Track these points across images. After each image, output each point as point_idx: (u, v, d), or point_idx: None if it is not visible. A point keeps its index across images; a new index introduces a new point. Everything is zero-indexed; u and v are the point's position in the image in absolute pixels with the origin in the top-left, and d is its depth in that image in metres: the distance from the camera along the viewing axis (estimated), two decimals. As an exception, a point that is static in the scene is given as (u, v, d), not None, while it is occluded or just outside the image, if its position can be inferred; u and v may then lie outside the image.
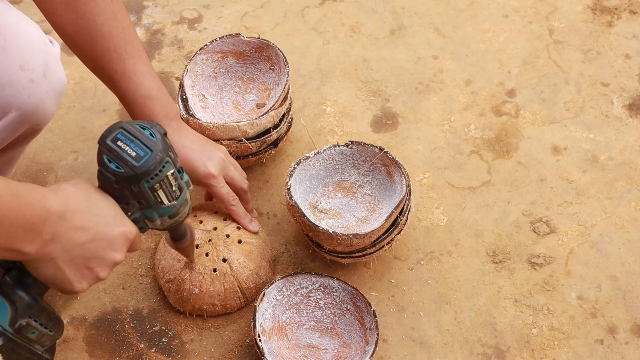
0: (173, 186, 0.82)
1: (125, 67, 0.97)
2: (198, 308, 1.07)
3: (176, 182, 0.83)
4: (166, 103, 1.02)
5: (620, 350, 1.06)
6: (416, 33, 1.45)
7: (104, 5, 0.95)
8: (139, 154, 0.77)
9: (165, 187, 0.81)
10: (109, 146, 0.78)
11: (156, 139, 0.79)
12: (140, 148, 0.78)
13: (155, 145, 0.78)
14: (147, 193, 0.80)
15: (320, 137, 1.29)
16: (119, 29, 0.97)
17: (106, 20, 0.95)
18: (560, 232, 1.18)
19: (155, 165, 0.78)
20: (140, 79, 0.98)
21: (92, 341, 1.07)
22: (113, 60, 0.97)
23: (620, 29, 1.45)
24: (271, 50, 1.23)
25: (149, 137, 0.79)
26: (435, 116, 1.32)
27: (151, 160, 0.78)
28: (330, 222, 1.13)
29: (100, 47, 0.96)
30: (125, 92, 0.98)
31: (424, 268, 1.14)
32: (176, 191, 0.84)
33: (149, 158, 0.77)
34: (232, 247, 1.07)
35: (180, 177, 0.84)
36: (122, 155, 0.77)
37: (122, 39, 0.97)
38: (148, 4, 1.51)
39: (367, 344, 1.02)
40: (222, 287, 1.06)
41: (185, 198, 0.87)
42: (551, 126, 1.31)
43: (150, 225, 0.87)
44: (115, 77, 0.98)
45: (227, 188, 1.07)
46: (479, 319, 1.09)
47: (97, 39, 0.95)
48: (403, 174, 1.09)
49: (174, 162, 0.82)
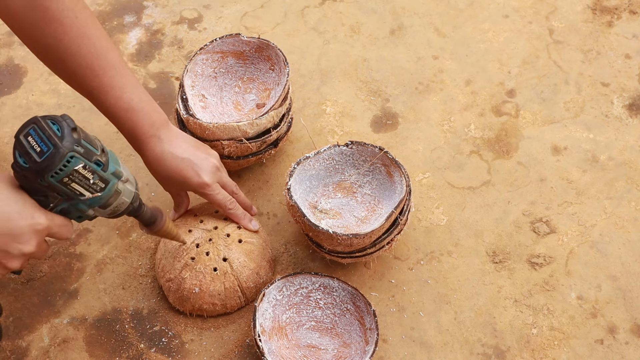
0: (90, 179, 0.83)
1: (100, 82, 0.96)
2: (198, 307, 1.07)
3: (94, 174, 0.83)
4: (150, 112, 1.00)
5: (620, 350, 1.06)
6: (416, 33, 1.45)
7: (69, 24, 0.93)
8: (42, 149, 0.79)
9: (79, 180, 0.82)
10: (20, 141, 0.80)
11: (61, 134, 0.80)
12: (45, 143, 0.79)
13: (59, 140, 0.79)
14: (58, 186, 0.82)
15: (320, 137, 1.29)
16: (89, 46, 0.95)
17: (73, 39, 0.93)
18: (560, 232, 1.18)
19: (57, 161, 0.79)
20: (119, 93, 0.97)
21: (92, 341, 1.07)
22: (87, 76, 0.96)
23: (620, 29, 1.45)
24: (271, 50, 1.23)
25: (54, 132, 0.80)
26: (435, 116, 1.32)
27: (53, 156, 0.79)
28: (330, 222, 1.13)
29: (72, 65, 0.95)
30: (106, 107, 0.98)
31: (424, 268, 1.14)
32: (97, 183, 0.84)
33: (50, 154, 0.79)
34: (232, 246, 1.07)
35: (101, 169, 0.84)
36: (29, 150, 0.80)
37: (93, 54, 0.95)
38: (148, 4, 1.51)
39: (367, 344, 1.02)
40: (222, 286, 1.06)
41: (116, 189, 0.87)
42: (551, 126, 1.31)
43: (90, 215, 0.88)
44: (93, 93, 0.97)
45: (223, 193, 1.06)
46: (479, 319, 1.09)
47: (66, 57, 0.94)
48: (403, 174, 1.09)
49: (87, 155, 0.82)
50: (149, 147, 1.01)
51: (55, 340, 1.08)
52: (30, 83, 1.37)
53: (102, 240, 1.17)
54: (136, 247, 1.17)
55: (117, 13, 1.49)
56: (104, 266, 1.15)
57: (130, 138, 1.01)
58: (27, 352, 1.07)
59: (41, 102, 1.34)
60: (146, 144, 1.01)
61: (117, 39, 1.44)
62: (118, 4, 1.50)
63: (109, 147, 1.26)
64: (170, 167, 1.02)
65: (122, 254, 1.16)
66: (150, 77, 1.38)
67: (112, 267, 1.15)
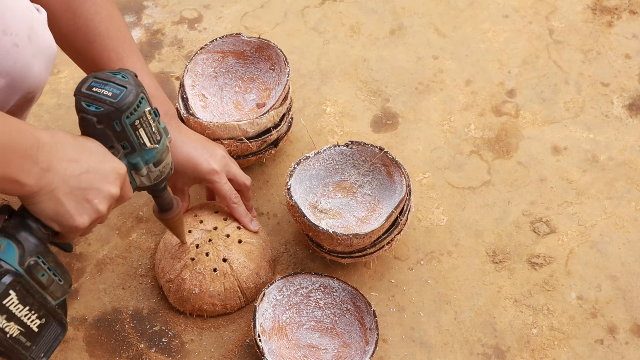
0: (152, 127, 0.85)
1: (124, 65, 0.98)
2: (198, 308, 1.07)
3: (154, 123, 0.85)
4: (165, 101, 1.03)
5: (620, 350, 1.06)
6: (416, 33, 1.45)
7: (101, 5, 0.96)
8: (114, 92, 0.80)
9: (146, 125, 0.83)
10: (85, 93, 0.81)
11: (128, 79, 0.82)
12: (116, 87, 0.81)
13: (128, 82, 0.81)
14: (129, 131, 0.82)
15: (320, 137, 1.29)
16: (116, 28, 0.98)
17: (103, 20, 0.96)
18: (560, 232, 1.18)
19: (133, 99, 0.80)
20: (139, 77, 0.98)
21: (92, 341, 1.07)
22: (111, 59, 0.98)
23: (620, 29, 1.45)
24: (271, 50, 1.23)
25: (121, 78, 0.82)
26: (435, 116, 1.32)
27: (128, 95, 0.80)
28: (330, 222, 1.13)
29: (99, 46, 0.97)
30: None
31: (424, 268, 1.14)
32: (156, 133, 0.86)
33: (125, 93, 0.80)
34: (232, 247, 1.07)
35: (157, 120, 0.86)
36: (100, 97, 0.80)
37: (119, 38, 0.98)
38: (148, 4, 1.51)
39: (367, 344, 1.02)
40: (222, 286, 1.06)
41: (166, 145, 0.89)
42: (551, 126, 1.31)
43: (137, 181, 0.89)
44: None
45: (229, 185, 1.08)
46: (479, 319, 1.09)
47: (95, 37, 0.96)
48: (403, 174, 1.09)
49: (149, 101, 0.84)
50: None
51: (55, 340, 1.08)
52: (30, 83, 1.37)
53: (102, 240, 1.17)
54: (136, 247, 1.17)
55: (117, 13, 1.49)
56: (104, 266, 1.15)
57: None
58: (27, 352, 1.07)
59: (41, 102, 1.34)
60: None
61: (117, 39, 1.44)
62: (118, 4, 1.50)
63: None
64: (182, 154, 1.03)
65: (122, 254, 1.16)
66: (150, 77, 1.38)
67: (112, 267, 1.15)
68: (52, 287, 0.80)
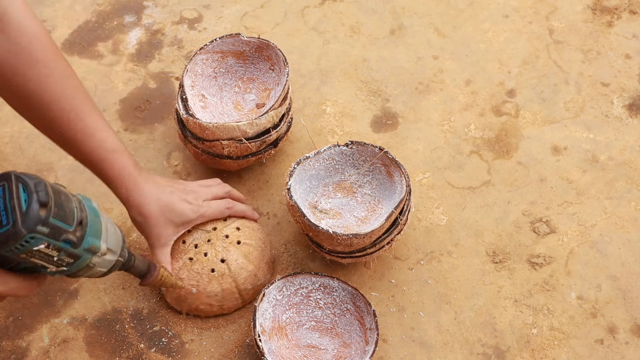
0: (55, 256, 0.73)
1: (86, 125, 0.93)
2: (195, 308, 1.07)
3: (61, 252, 0.73)
4: (131, 155, 0.99)
5: (620, 350, 1.06)
6: (416, 33, 1.45)
7: (53, 66, 0.90)
8: (2, 220, 0.69)
9: (41, 256, 0.73)
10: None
11: (25, 210, 0.69)
12: (7, 215, 0.69)
13: (20, 216, 0.69)
14: (14, 259, 0.73)
15: (320, 137, 1.29)
16: (72, 88, 0.93)
17: (58, 81, 0.91)
18: (560, 232, 1.18)
19: (12, 241, 0.69)
20: (105, 134, 0.95)
21: (92, 341, 1.07)
22: (71, 120, 0.93)
23: (620, 29, 1.45)
24: (271, 50, 1.23)
25: (19, 205, 0.70)
26: (435, 116, 1.32)
27: (8, 235, 0.69)
28: (330, 222, 1.13)
29: (55, 109, 0.92)
30: (90, 150, 0.95)
31: (424, 268, 1.14)
32: (64, 259, 0.75)
33: (6, 231, 0.69)
34: (231, 247, 1.07)
35: (71, 247, 0.74)
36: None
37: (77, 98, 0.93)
38: (148, 4, 1.51)
39: (367, 344, 1.02)
40: (219, 287, 1.06)
41: (87, 264, 0.78)
42: (551, 126, 1.31)
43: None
44: (76, 137, 0.94)
45: (215, 204, 1.07)
46: (479, 319, 1.09)
47: (50, 100, 0.91)
48: (403, 174, 1.09)
49: (53, 235, 0.72)
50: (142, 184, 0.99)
51: (55, 340, 1.08)
52: (30, 83, 1.37)
53: (102, 240, 1.17)
54: (136, 248, 1.17)
55: (117, 13, 1.49)
56: (104, 266, 1.15)
57: (120, 179, 0.98)
58: (27, 352, 1.07)
59: (41, 102, 1.34)
60: (139, 182, 0.99)
61: (117, 39, 1.44)
62: (118, 4, 1.50)
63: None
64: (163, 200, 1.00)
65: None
66: (150, 77, 1.38)
67: (112, 267, 1.15)
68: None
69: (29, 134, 1.29)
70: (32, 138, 1.29)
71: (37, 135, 1.28)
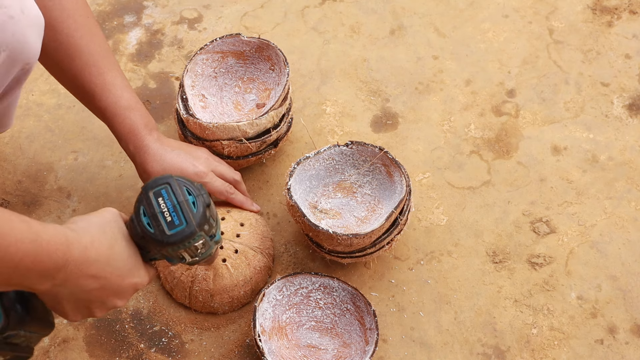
0: (199, 249, 0.81)
1: (104, 80, 0.99)
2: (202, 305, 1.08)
3: (204, 246, 0.81)
4: (145, 113, 1.04)
5: (620, 350, 1.06)
6: (416, 33, 1.45)
7: (81, 21, 0.97)
8: (173, 221, 0.76)
9: (191, 251, 0.80)
10: (150, 200, 0.77)
11: (196, 211, 0.77)
12: (178, 215, 0.76)
13: (193, 217, 0.76)
14: (170, 254, 0.80)
15: (320, 137, 1.29)
16: (96, 44, 0.99)
17: (84, 35, 0.97)
18: (560, 232, 1.18)
19: (185, 239, 0.77)
20: (120, 91, 1.01)
21: (92, 341, 1.07)
22: (92, 74, 0.99)
23: (620, 29, 1.45)
24: (271, 50, 1.23)
25: (190, 207, 0.77)
26: (435, 116, 1.32)
27: (183, 233, 0.76)
28: (330, 222, 1.13)
29: (79, 62, 0.98)
30: (106, 105, 1.01)
31: (424, 268, 1.14)
32: (202, 252, 0.82)
33: (181, 230, 0.76)
34: (231, 249, 1.07)
35: (210, 240, 0.82)
36: (158, 215, 0.76)
37: (100, 53, 0.99)
38: (148, 4, 1.51)
39: (367, 344, 1.02)
40: (221, 287, 1.06)
41: (210, 253, 0.86)
42: (551, 126, 1.31)
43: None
44: (95, 91, 1.00)
45: (220, 181, 1.09)
46: (479, 319, 1.09)
47: (76, 53, 0.98)
48: (403, 174, 1.09)
49: (209, 232, 0.80)
50: (149, 143, 1.03)
51: (55, 340, 1.08)
52: (30, 83, 1.37)
53: (102, 240, 1.17)
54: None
55: (117, 13, 1.49)
56: (104, 266, 1.15)
57: (128, 136, 1.03)
58: (27, 352, 1.07)
59: (41, 102, 1.34)
60: (146, 140, 1.03)
61: (117, 39, 1.44)
62: (118, 4, 1.50)
63: (111, 147, 1.26)
64: (166, 162, 1.03)
65: (122, 254, 1.16)
66: (150, 77, 1.38)
67: (112, 267, 1.15)
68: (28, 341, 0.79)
69: (29, 134, 1.29)
70: (32, 138, 1.29)
71: (37, 135, 1.28)
